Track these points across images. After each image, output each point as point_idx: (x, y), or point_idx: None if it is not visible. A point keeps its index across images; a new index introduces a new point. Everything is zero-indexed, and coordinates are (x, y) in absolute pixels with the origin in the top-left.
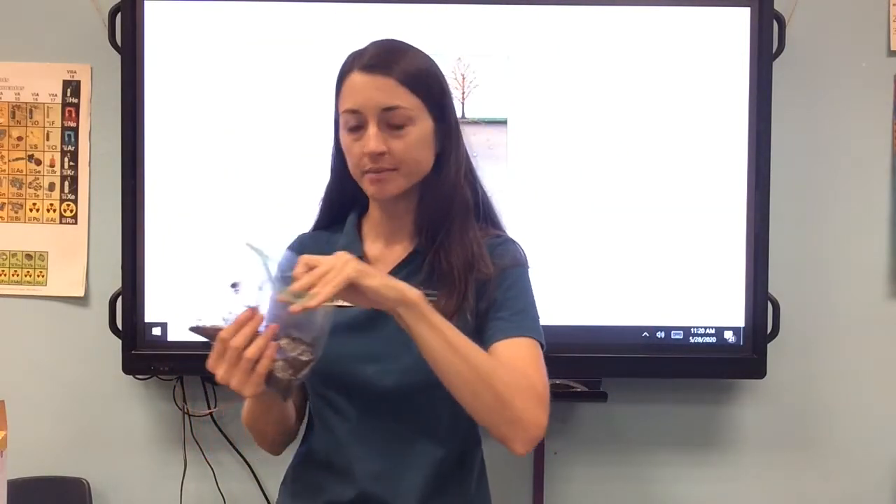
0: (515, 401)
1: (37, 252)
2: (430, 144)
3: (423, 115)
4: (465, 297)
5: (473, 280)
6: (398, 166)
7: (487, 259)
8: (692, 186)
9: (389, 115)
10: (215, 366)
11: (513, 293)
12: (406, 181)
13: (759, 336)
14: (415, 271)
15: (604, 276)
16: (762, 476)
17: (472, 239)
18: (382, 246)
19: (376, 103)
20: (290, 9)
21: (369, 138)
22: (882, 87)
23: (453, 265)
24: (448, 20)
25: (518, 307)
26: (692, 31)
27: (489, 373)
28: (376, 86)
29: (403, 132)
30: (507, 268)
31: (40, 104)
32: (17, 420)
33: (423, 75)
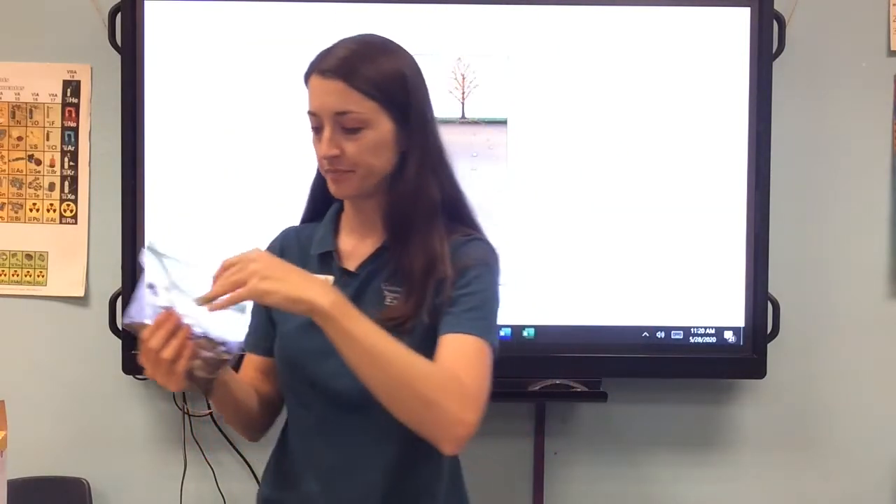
0: (439, 402)
1: (37, 252)
2: (388, 146)
3: (379, 117)
4: (424, 297)
5: (433, 280)
6: (354, 168)
7: (448, 259)
8: (692, 186)
9: (342, 119)
10: (143, 362)
11: (469, 290)
12: (362, 182)
13: (759, 336)
14: (381, 267)
15: (604, 276)
16: (762, 476)
17: (434, 238)
18: (355, 240)
19: (329, 108)
20: (290, 9)
21: (323, 142)
22: (882, 87)
23: (413, 264)
24: (448, 20)
25: (471, 304)
26: (692, 31)
27: (410, 375)
28: (329, 90)
29: (358, 135)
30: (468, 266)
31: (40, 104)
32: (17, 420)
33: (382, 79)
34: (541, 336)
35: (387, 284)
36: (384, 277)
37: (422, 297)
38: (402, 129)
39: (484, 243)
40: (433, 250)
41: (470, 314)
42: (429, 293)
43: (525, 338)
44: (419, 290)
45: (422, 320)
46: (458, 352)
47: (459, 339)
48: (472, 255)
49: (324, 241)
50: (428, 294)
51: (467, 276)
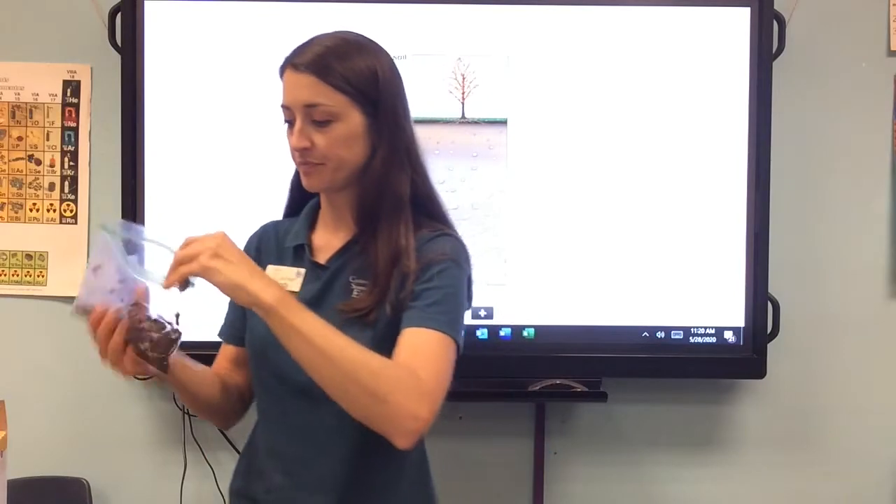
0: (389, 397)
1: (37, 252)
2: (359, 139)
3: (349, 111)
4: (387, 289)
5: (398, 273)
6: (324, 161)
7: (413, 253)
8: (692, 186)
9: (312, 112)
10: (95, 346)
11: (432, 284)
12: (333, 175)
13: (759, 336)
14: (350, 260)
15: (604, 276)
16: (762, 476)
17: (399, 232)
18: (328, 234)
19: (300, 101)
20: (290, 9)
21: (294, 134)
22: (882, 87)
23: (378, 257)
24: (448, 20)
25: (434, 299)
26: (692, 31)
27: (357, 371)
28: (300, 84)
29: (328, 128)
30: (432, 261)
31: (40, 104)
32: (17, 420)
33: (352, 74)
34: (541, 336)
35: (354, 277)
36: (352, 270)
37: (385, 289)
38: (374, 123)
39: (452, 239)
40: (398, 243)
41: (432, 308)
42: (392, 286)
43: (525, 338)
44: (383, 282)
45: (384, 313)
46: (417, 346)
47: (419, 334)
48: (439, 251)
49: (298, 235)
50: (392, 287)
51: (431, 271)
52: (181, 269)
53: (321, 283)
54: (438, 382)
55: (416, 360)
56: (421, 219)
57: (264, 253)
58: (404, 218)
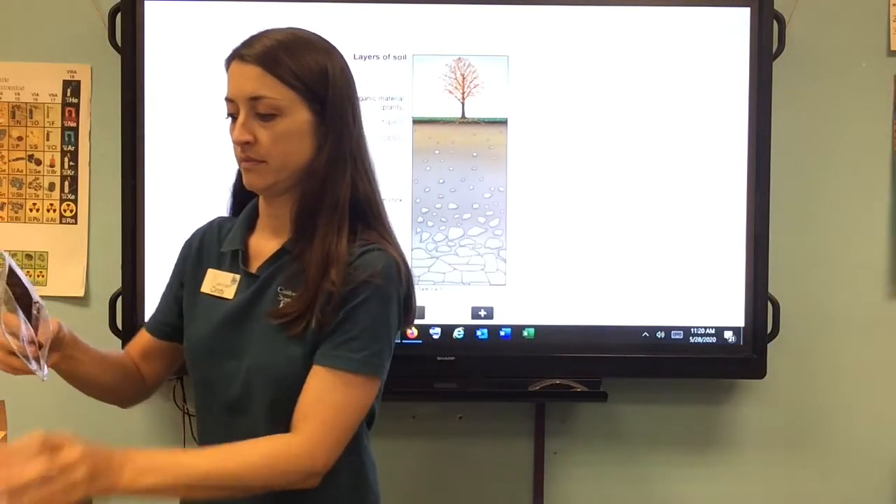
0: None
1: (37, 252)
2: (303, 137)
3: (296, 107)
4: (315, 301)
5: (326, 283)
6: (266, 158)
7: (342, 267)
8: (692, 186)
9: (256, 105)
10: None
11: (354, 315)
12: (275, 175)
13: (759, 336)
14: (280, 269)
15: (604, 276)
16: (762, 476)
17: (333, 240)
18: (265, 239)
19: (245, 92)
20: (290, 9)
21: (237, 126)
22: (882, 87)
23: (310, 265)
24: (448, 20)
25: (350, 334)
26: (692, 31)
27: (246, 482)
28: (246, 75)
29: (272, 122)
30: (361, 283)
31: (40, 104)
32: (17, 420)
33: (300, 69)
34: (541, 336)
35: (283, 288)
36: (281, 281)
37: (313, 298)
38: (320, 122)
39: (384, 255)
40: (329, 251)
41: (347, 346)
42: (320, 296)
43: (525, 338)
44: (312, 290)
45: (312, 329)
46: (322, 393)
47: (326, 377)
48: (368, 271)
49: (233, 239)
50: (320, 297)
51: (355, 300)
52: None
53: (250, 292)
54: (333, 431)
55: (316, 409)
56: (357, 225)
57: (205, 252)
58: (341, 225)
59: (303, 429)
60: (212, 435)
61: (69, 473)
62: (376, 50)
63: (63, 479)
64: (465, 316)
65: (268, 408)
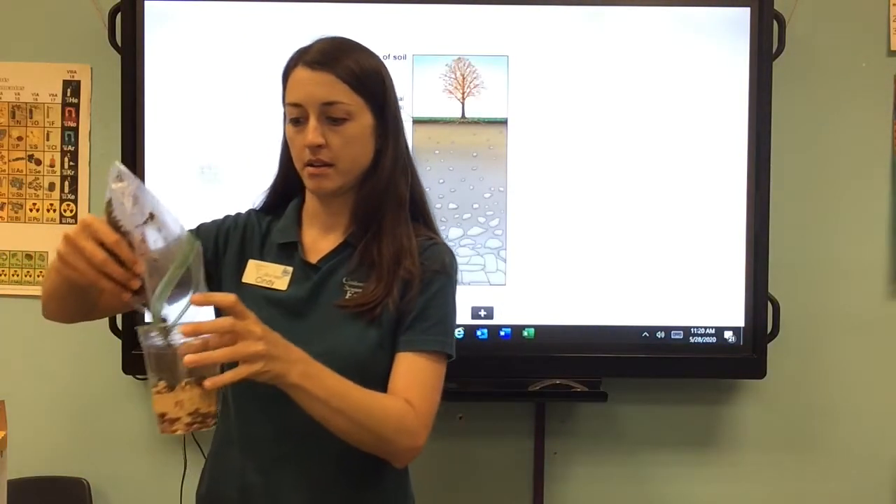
0: (393, 436)
1: (37, 252)
2: (368, 141)
3: (362, 112)
4: (391, 288)
5: (402, 271)
6: (335, 162)
7: (416, 256)
8: (692, 187)
9: (329, 110)
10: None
11: (433, 303)
12: (342, 178)
13: (759, 336)
14: (343, 261)
15: (604, 276)
16: (762, 476)
17: (402, 233)
18: (316, 234)
19: (317, 98)
20: (289, 9)
21: (309, 131)
22: (882, 87)
23: (383, 256)
24: (448, 20)
25: (433, 319)
26: (692, 31)
27: (367, 419)
28: (318, 81)
29: (342, 127)
30: (435, 273)
31: (40, 104)
32: (17, 420)
33: (365, 74)
34: (541, 336)
35: (348, 279)
36: (345, 273)
37: (390, 285)
38: (380, 125)
39: (447, 249)
40: (401, 243)
41: (432, 330)
42: (396, 285)
43: (525, 338)
44: (387, 278)
45: (389, 313)
46: (415, 374)
47: (417, 360)
48: (439, 262)
49: (287, 232)
50: (395, 286)
51: (432, 288)
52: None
53: (312, 283)
54: (433, 406)
55: (413, 388)
56: (414, 223)
57: (247, 243)
58: (405, 220)
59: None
60: (263, 424)
61: (250, 340)
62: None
63: (244, 343)
64: (465, 316)
65: None
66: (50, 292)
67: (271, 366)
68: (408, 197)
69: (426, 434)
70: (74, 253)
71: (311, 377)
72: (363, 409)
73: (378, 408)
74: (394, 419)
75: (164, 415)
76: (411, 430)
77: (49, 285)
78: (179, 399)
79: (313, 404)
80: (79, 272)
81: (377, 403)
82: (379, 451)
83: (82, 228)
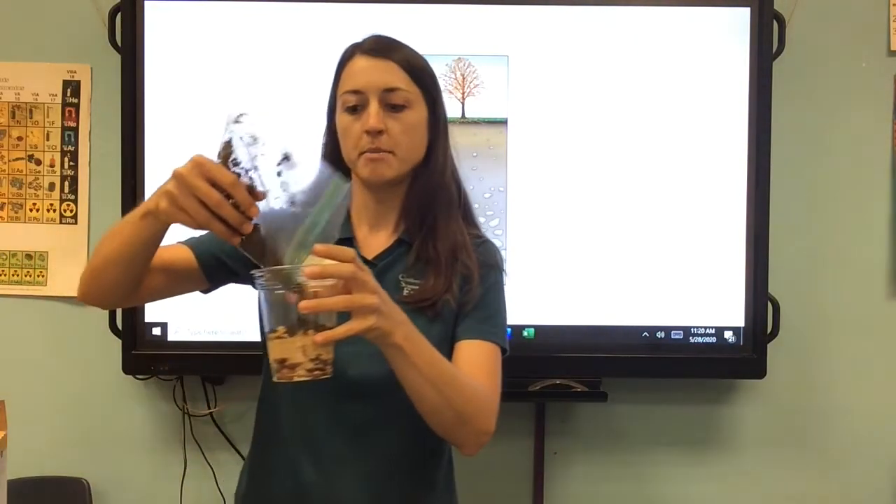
0: (473, 418)
1: (37, 252)
2: (423, 132)
3: (419, 102)
4: (451, 283)
5: (459, 266)
6: (394, 149)
7: (471, 251)
8: (692, 187)
9: (390, 96)
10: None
11: (490, 295)
12: (400, 166)
13: (759, 336)
14: (399, 259)
15: (604, 277)
16: (762, 476)
17: (455, 229)
18: (367, 231)
19: (378, 84)
20: (289, 9)
21: (369, 116)
22: (882, 87)
23: (440, 252)
24: (448, 20)
25: (491, 310)
26: (692, 31)
27: (456, 396)
28: (379, 68)
29: (402, 114)
30: (491, 267)
31: (40, 104)
32: (17, 420)
33: (420, 66)
34: (541, 336)
35: (404, 276)
36: (401, 270)
37: (449, 280)
38: (432, 118)
39: (494, 245)
40: (455, 239)
41: (490, 321)
42: (455, 280)
43: (525, 338)
44: (446, 274)
45: (450, 308)
46: (480, 361)
47: (480, 347)
48: (492, 257)
49: (342, 228)
50: (454, 280)
51: (489, 279)
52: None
53: None
54: (498, 395)
55: (481, 376)
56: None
57: None
58: (457, 216)
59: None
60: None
61: (367, 293)
62: None
63: (361, 295)
64: None
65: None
66: (113, 255)
67: (381, 322)
68: (457, 192)
69: (495, 422)
70: (186, 193)
71: (414, 342)
72: (454, 383)
73: (468, 385)
74: (477, 400)
75: (283, 360)
76: (488, 414)
77: (116, 245)
78: (302, 344)
79: (408, 370)
80: (189, 213)
81: (467, 380)
82: (454, 432)
83: (195, 166)
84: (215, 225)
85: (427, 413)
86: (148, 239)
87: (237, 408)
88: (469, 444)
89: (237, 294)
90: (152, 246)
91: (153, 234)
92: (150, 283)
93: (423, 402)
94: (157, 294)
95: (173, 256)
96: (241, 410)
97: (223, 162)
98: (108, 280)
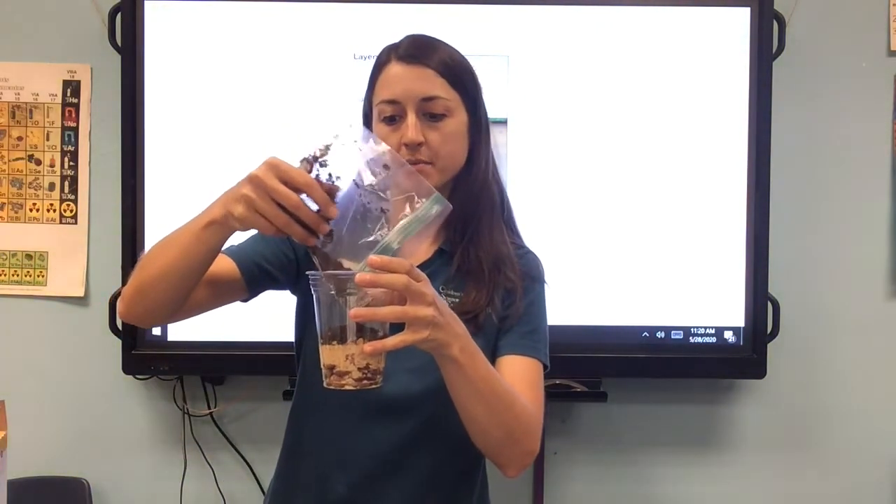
0: (521, 438)
1: (37, 252)
2: (464, 138)
3: (459, 107)
4: (492, 295)
5: (502, 278)
6: (433, 160)
7: (515, 263)
8: (692, 187)
9: (428, 105)
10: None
11: (532, 309)
12: (440, 176)
13: (759, 336)
14: (441, 269)
15: (604, 276)
16: (762, 476)
17: (499, 239)
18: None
19: (415, 93)
20: (289, 9)
21: (408, 128)
22: (882, 87)
23: (483, 262)
24: (448, 20)
25: (533, 325)
26: (692, 31)
27: (506, 413)
28: (416, 76)
29: (441, 123)
30: (534, 280)
31: (40, 104)
32: (17, 420)
33: (460, 68)
34: None
35: (445, 288)
36: (442, 281)
37: (490, 293)
38: (473, 122)
39: (537, 257)
40: (499, 250)
41: (533, 335)
42: (497, 292)
43: None
44: (489, 286)
45: (492, 320)
46: (524, 377)
47: (523, 363)
48: (535, 270)
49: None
50: (497, 293)
51: (530, 294)
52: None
53: None
54: (542, 415)
55: (526, 392)
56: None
57: None
58: (500, 224)
59: None
60: (357, 438)
61: (421, 304)
62: (376, 50)
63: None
64: None
65: (429, 407)
66: (166, 269)
67: (437, 334)
68: (498, 202)
69: (539, 441)
70: (265, 196)
71: (471, 355)
72: (506, 400)
73: (519, 404)
74: (525, 419)
75: (332, 367)
76: (535, 435)
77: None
78: (351, 353)
79: (461, 384)
80: (269, 218)
81: (518, 399)
82: (501, 451)
83: (269, 168)
84: (294, 228)
85: (476, 431)
86: (210, 251)
87: (237, 408)
88: (514, 464)
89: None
90: (212, 258)
91: (216, 244)
92: (195, 297)
93: (473, 420)
94: (200, 309)
95: (216, 268)
96: (241, 410)
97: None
98: (158, 296)
